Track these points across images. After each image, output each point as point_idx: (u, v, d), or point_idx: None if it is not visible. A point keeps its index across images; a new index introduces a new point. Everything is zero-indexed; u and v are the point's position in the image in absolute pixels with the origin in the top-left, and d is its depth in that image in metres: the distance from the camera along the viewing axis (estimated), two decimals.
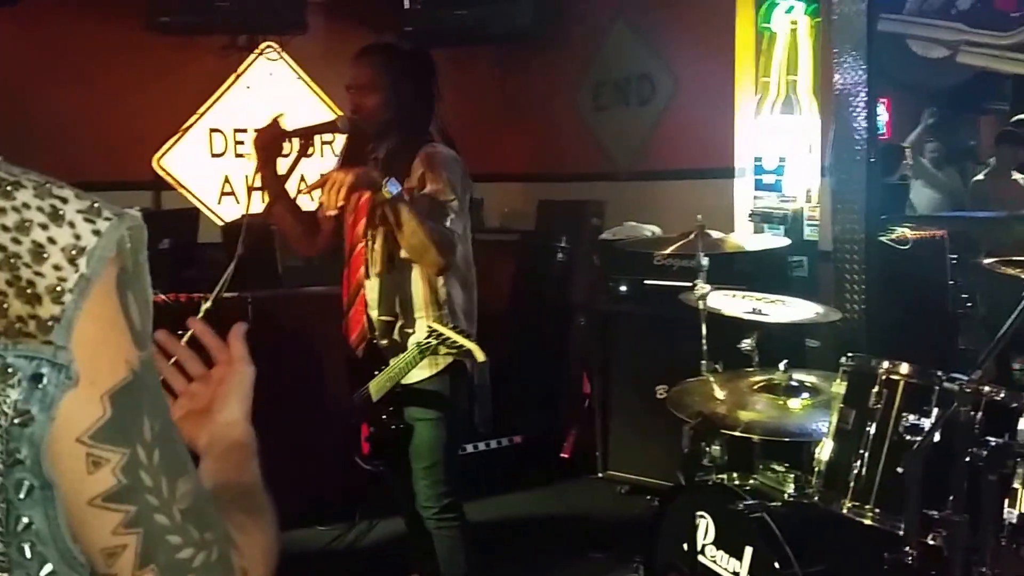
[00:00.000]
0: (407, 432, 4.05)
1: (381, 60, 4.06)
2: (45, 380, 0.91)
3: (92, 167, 6.61)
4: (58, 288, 0.92)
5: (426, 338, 3.74)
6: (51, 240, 0.93)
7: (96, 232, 0.95)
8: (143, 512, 0.99)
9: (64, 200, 0.97)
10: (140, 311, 1.02)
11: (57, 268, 0.92)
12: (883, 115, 7.26)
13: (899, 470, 3.17)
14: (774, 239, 6.01)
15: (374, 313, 4.05)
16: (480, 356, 3.70)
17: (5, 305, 0.90)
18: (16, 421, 0.91)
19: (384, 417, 4.05)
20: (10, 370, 0.90)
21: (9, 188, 0.95)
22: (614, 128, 7.70)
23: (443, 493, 4.09)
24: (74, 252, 0.93)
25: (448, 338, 3.69)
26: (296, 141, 4.10)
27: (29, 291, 0.91)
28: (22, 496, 0.93)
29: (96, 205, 0.99)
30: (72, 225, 0.95)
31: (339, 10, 7.60)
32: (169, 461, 1.02)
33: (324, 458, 5.40)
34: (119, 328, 0.98)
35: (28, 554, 0.95)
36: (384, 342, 4.01)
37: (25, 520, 0.94)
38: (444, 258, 3.82)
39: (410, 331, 3.97)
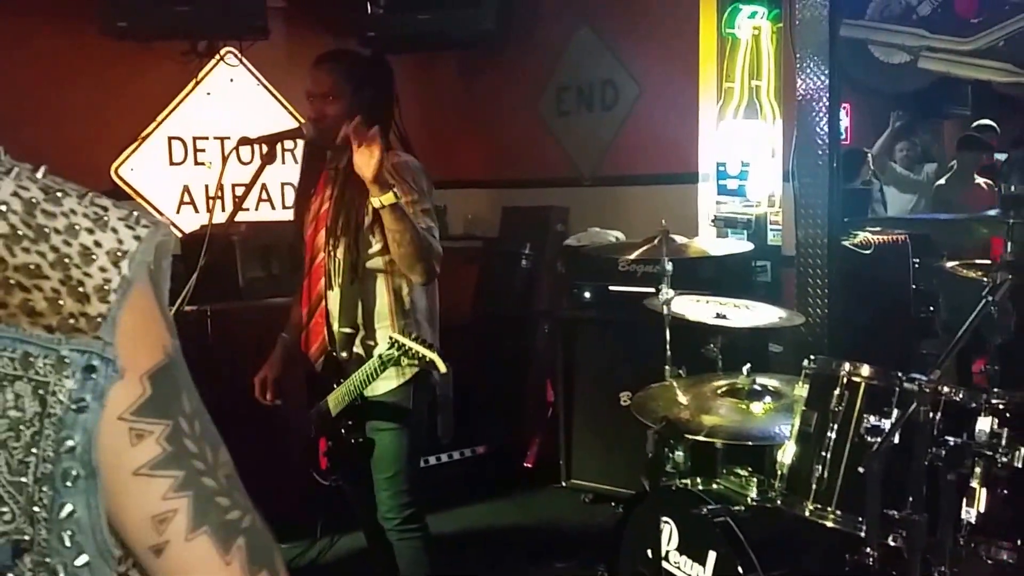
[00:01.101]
0: (367, 445, 4.06)
1: (342, 68, 4.08)
2: (97, 372, 0.97)
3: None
4: (104, 288, 0.98)
5: (388, 349, 3.75)
6: (97, 244, 1.00)
7: (137, 238, 1.02)
8: (191, 476, 1.05)
9: (105, 208, 1.03)
10: (166, 305, 1.09)
11: (103, 270, 0.99)
12: (844, 120, 7.33)
13: (860, 471, 3.22)
14: (738, 244, 6.04)
15: (335, 325, 4.05)
16: (442, 367, 3.71)
17: (60, 302, 0.96)
18: (73, 408, 0.96)
19: (343, 431, 4.06)
20: (66, 360, 0.96)
21: (58, 195, 1.01)
22: (578, 134, 7.73)
23: (405, 504, 4.10)
24: (118, 255, 1.00)
25: (410, 349, 3.69)
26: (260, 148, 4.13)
27: (80, 290, 0.97)
28: (68, 484, 0.97)
29: (135, 213, 1.05)
30: (115, 231, 1.01)
31: (301, 15, 7.56)
32: (208, 432, 1.10)
33: (284, 474, 5.41)
34: (155, 318, 1.06)
35: (68, 543, 0.98)
36: (344, 355, 4.01)
37: (69, 508, 0.98)
38: (434, 266, 3.89)
39: (372, 343, 3.98)
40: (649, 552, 4.11)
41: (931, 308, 5.71)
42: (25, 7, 6.52)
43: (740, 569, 3.68)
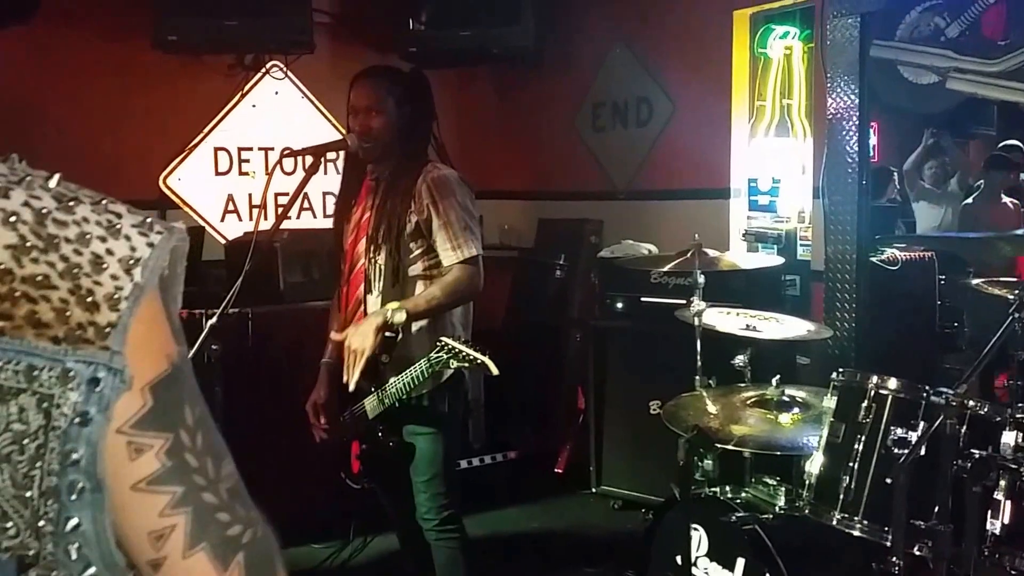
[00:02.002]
0: (404, 449, 4.06)
1: (384, 83, 4.11)
2: (102, 384, 0.94)
3: (99, 185, 6.60)
4: (115, 296, 0.96)
5: (437, 353, 3.75)
6: (109, 252, 0.97)
7: (150, 244, 1.00)
8: (190, 492, 1.02)
9: (119, 215, 1.01)
10: (175, 310, 1.07)
11: (114, 277, 0.96)
12: (872, 139, 7.32)
13: (887, 481, 3.22)
14: (768, 258, 6.05)
15: None
16: (494, 370, 3.70)
17: (68, 312, 0.93)
18: (76, 421, 0.93)
19: (380, 435, 4.07)
20: (71, 374, 0.93)
21: (71, 203, 0.98)
22: (612, 148, 7.73)
23: (443, 506, 4.11)
24: (131, 263, 0.98)
25: (460, 352, 3.69)
26: (306, 159, 4.16)
27: (89, 299, 0.94)
28: (73, 497, 0.95)
29: (148, 220, 1.03)
30: (128, 238, 0.99)
31: (345, 30, 7.61)
32: (211, 444, 1.06)
33: (319, 475, 5.43)
34: (161, 325, 1.02)
35: (74, 555, 0.96)
36: (384, 358, 3.99)
37: (75, 521, 0.95)
38: (470, 298, 4.05)
39: (409, 349, 3.98)
40: (679, 558, 4.11)
41: (956, 324, 5.70)
42: (79, 20, 6.60)
43: None
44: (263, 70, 7.38)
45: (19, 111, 6.46)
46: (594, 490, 6.62)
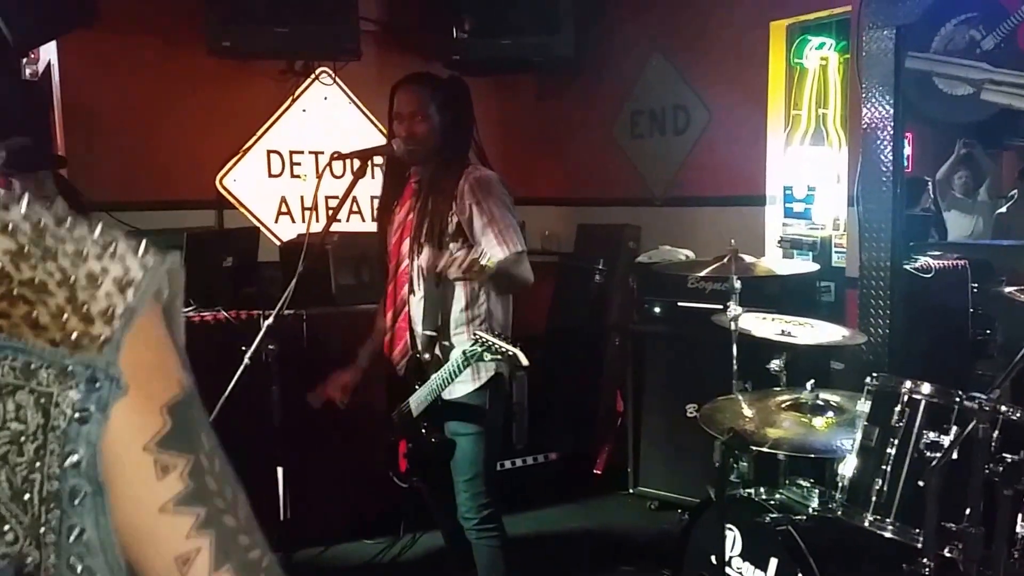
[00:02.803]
0: (446, 446, 4.11)
1: (426, 89, 4.17)
2: (99, 384, 0.92)
3: (159, 186, 6.81)
4: (109, 312, 0.94)
5: (472, 346, 3.79)
6: (104, 270, 0.96)
7: (144, 267, 0.98)
8: (213, 513, 0.99)
9: (115, 239, 0.99)
10: (181, 343, 1.05)
11: (108, 296, 0.95)
12: (906, 149, 7.30)
13: (919, 484, 3.23)
14: (803, 264, 6.04)
15: (418, 328, 4.13)
16: (524, 360, 3.73)
17: (64, 318, 0.92)
18: (76, 417, 0.91)
19: (423, 432, 4.12)
20: (70, 370, 0.91)
21: (68, 224, 0.97)
22: (650, 156, 7.74)
23: (483, 504, 4.14)
24: (124, 283, 0.96)
25: (493, 344, 3.72)
26: (353, 163, 4.22)
27: (84, 311, 0.93)
28: (76, 503, 0.92)
29: (143, 244, 1.01)
30: (123, 259, 0.97)
31: (391, 38, 7.69)
32: (226, 470, 1.04)
33: (371, 473, 5.47)
34: (168, 351, 1.01)
35: (78, 567, 0.93)
36: (427, 356, 4.07)
37: (78, 529, 0.93)
38: (523, 285, 4.07)
39: (448, 344, 4.05)
40: (713, 558, 4.12)
41: (988, 331, 5.66)
42: (138, 27, 6.71)
43: None
44: (312, 76, 7.46)
45: (80, 115, 6.64)
46: (631, 491, 6.66)
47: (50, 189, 4.96)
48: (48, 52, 6.78)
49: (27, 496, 0.90)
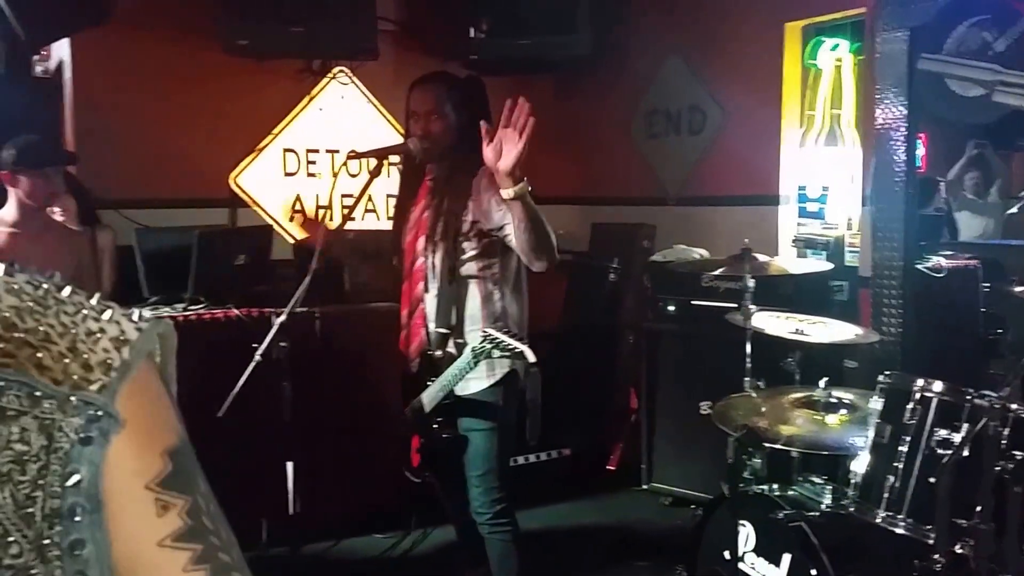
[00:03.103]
0: (459, 442, 4.12)
1: (443, 88, 4.19)
2: (100, 415, 0.95)
3: (173, 185, 6.80)
4: (107, 362, 0.98)
5: (480, 343, 3.81)
6: (102, 330, 1.00)
7: (138, 329, 1.02)
8: (209, 549, 1.02)
9: (109, 306, 1.03)
10: (174, 397, 1.08)
11: (106, 351, 0.99)
12: (919, 150, 7.32)
13: (931, 481, 3.26)
14: (817, 263, 6.05)
15: (431, 325, 4.13)
16: (531, 357, 3.76)
17: (66, 362, 0.96)
18: (79, 439, 0.94)
19: (435, 427, 4.12)
20: (73, 400, 0.94)
21: (67, 289, 1.02)
22: (665, 155, 7.76)
23: (495, 499, 4.15)
24: (120, 341, 1.00)
25: (501, 341, 3.74)
26: (369, 162, 4.24)
27: (84, 359, 0.97)
28: (77, 519, 0.95)
29: (136, 311, 1.05)
30: (118, 323, 1.01)
31: (408, 38, 7.69)
32: (220, 513, 1.07)
33: (381, 469, 5.48)
34: (165, 404, 1.04)
35: None
36: (439, 354, 4.08)
37: (80, 545, 0.95)
38: (554, 254, 3.95)
39: (462, 342, 4.05)
40: (726, 553, 4.15)
41: (999, 330, 5.68)
42: (153, 26, 6.69)
43: (813, 572, 3.72)
44: (330, 75, 7.48)
45: (94, 114, 6.62)
46: (645, 487, 6.68)
47: (59, 186, 4.99)
48: (60, 49, 6.78)
49: (30, 511, 0.93)
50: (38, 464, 0.93)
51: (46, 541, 0.93)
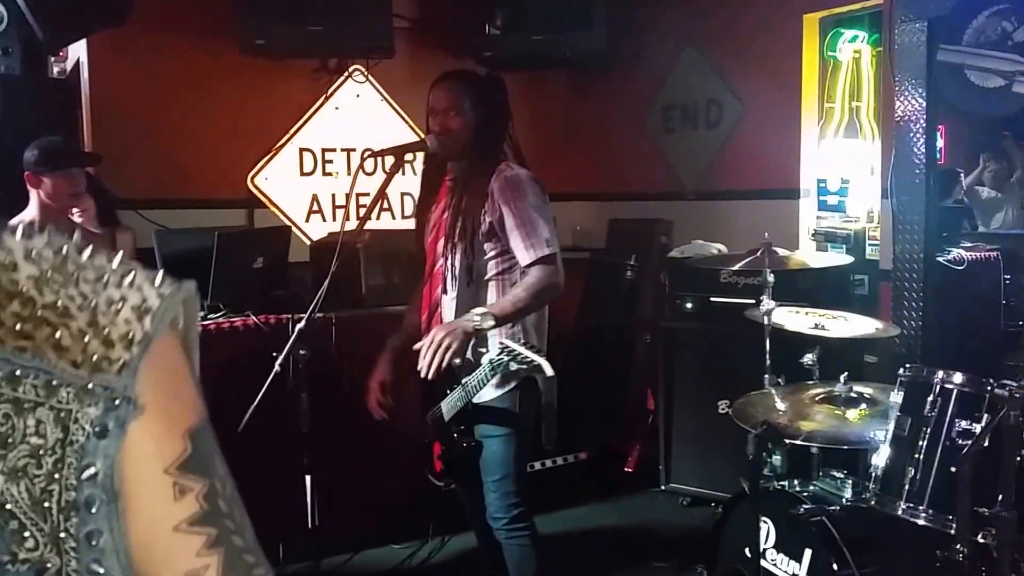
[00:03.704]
0: (478, 449, 4.13)
1: (461, 85, 4.19)
2: (118, 403, 0.95)
3: (190, 185, 6.85)
4: (128, 337, 0.97)
5: (498, 355, 3.83)
6: (123, 298, 0.98)
7: (160, 296, 1.00)
8: (223, 534, 1.03)
9: (132, 269, 1.01)
10: (196, 370, 1.08)
11: (127, 322, 0.97)
12: (939, 141, 7.34)
13: (951, 471, 3.30)
14: (837, 257, 6.06)
15: None
16: (549, 371, 3.76)
17: (86, 339, 0.95)
18: (95, 431, 0.94)
19: (455, 435, 4.13)
20: (89, 390, 0.94)
21: (89, 252, 1.00)
22: (683, 150, 7.79)
23: (512, 504, 4.15)
24: (142, 311, 0.98)
25: (519, 353, 3.76)
26: (386, 160, 4.28)
27: (105, 333, 0.96)
28: (93, 511, 0.95)
29: (160, 275, 1.03)
30: (140, 289, 1.00)
31: (423, 35, 7.71)
32: (236, 495, 1.07)
33: (398, 476, 5.46)
34: (186, 378, 1.04)
35: (100, 571, 0.97)
36: (457, 361, 4.02)
37: (96, 535, 0.96)
38: (554, 296, 4.05)
39: (483, 349, 4.05)
40: (747, 550, 4.17)
41: (1020, 323, 5.71)
42: (170, 26, 6.74)
43: (834, 566, 3.74)
44: (346, 74, 7.53)
45: (111, 114, 6.65)
46: (663, 488, 6.67)
47: (82, 187, 5.03)
48: (77, 50, 6.81)
49: (46, 506, 0.94)
50: (54, 457, 0.94)
51: (62, 534, 0.94)
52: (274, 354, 4.12)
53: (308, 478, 4.49)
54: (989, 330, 5.65)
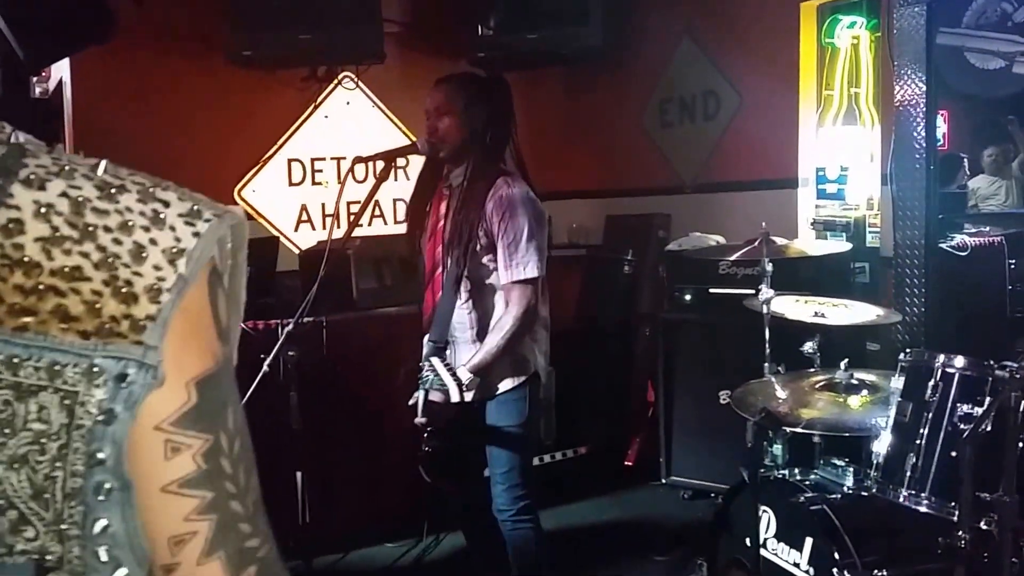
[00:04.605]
0: (477, 445, 4.22)
1: (454, 86, 4.20)
2: (130, 379, 0.91)
3: None
4: (156, 287, 0.92)
5: (424, 373, 4.01)
6: (152, 241, 0.93)
7: (196, 234, 0.96)
8: (219, 499, 0.97)
9: (167, 204, 0.97)
10: (227, 307, 1.02)
11: (157, 268, 0.92)
12: (941, 127, 7.31)
13: (952, 455, 3.27)
14: (836, 244, 6.06)
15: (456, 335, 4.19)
16: (455, 396, 3.93)
17: (99, 305, 0.90)
18: (100, 419, 0.90)
19: (424, 436, 4.14)
20: (96, 370, 0.90)
21: (114, 191, 0.95)
22: (680, 144, 7.77)
23: (519, 496, 4.21)
24: (174, 253, 0.93)
25: (437, 376, 3.95)
26: (377, 166, 4.27)
27: (125, 290, 0.91)
28: (101, 498, 0.91)
29: (197, 208, 0.99)
30: (173, 228, 0.95)
31: (414, 38, 7.67)
32: (246, 451, 1.02)
33: (392, 477, 5.52)
34: (207, 322, 0.98)
35: (104, 557, 0.93)
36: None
37: (103, 523, 0.92)
38: (530, 322, 4.08)
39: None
40: (748, 540, 4.16)
41: None
42: (155, 37, 6.71)
43: (836, 554, 3.73)
44: (335, 81, 7.50)
45: (96, 126, 6.56)
46: (664, 481, 6.69)
47: None
48: (60, 69, 6.76)
49: (48, 495, 0.90)
50: (58, 443, 0.90)
51: (65, 524, 0.91)
52: (262, 355, 4.11)
53: (299, 475, 4.49)
54: (995, 317, 5.61)
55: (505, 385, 4.14)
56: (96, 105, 6.68)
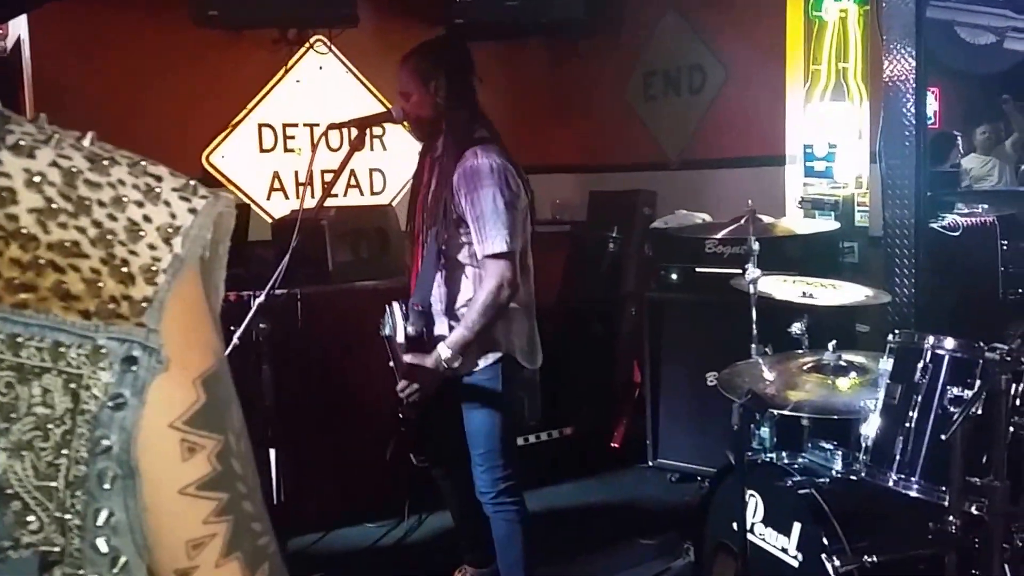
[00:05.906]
0: (459, 424, 4.22)
1: (411, 65, 4.21)
2: (137, 364, 0.89)
3: None
4: (152, 268, 0.90)
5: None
6: (146, 218, 0.91)
7: (192, 211, 0.94)
8: (234, 500, 0.97)
9: (159, 178, 0.95)
10: (216, 301, 1.02)
11: (152, 247, 0.90)
12: (933, 104, 7.32)
13: (942, 438, 3.30)
14: (824, 223, 6.09)
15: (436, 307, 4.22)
16: (400, 337, 4.07)
17: (99, 284, 0.87)
18: (109, 404, 0.88)
19: (432, 410, 4.21)
20: (103, 351, 0.87)
21: (105, 163, 0.93)
22: (665, 118, 7.79)
23: (500, 478, 4.23)
24: (170, 231, 0.92)
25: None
26: (351, 131, 4.28)
27: (123, 270, 0.89)
28: (105, 487, 0.89)
29: (191, 183, 0.97)
30: (168, 204, 0.93)
31: (389, 3, 7.64)
32: (250, 449, 1.02)
33: (370, 455, 5.50)
34: (204, 314, 0.97)
35: (104, 548, 0.91)
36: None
37: (105, 513, 0.90)
38: (509, 295, 4.04)
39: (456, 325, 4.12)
40: (735, 525, 4.18)
41: (1020, 290, 5.70)
42: None
43: (824, 540, 3.73)
44: (307, 45, 7.45)
45: (58, 89, 6.55)
46: (651, 463, 6.72)
47: None
48: (18, 27, 6.69)
49: (53, 483, 0.88)
50: (62, 429, 0.88)
51: (67, 516, 0.89)
52: (232, 328, 4.12)
53: (272, 452, 4.49)
54: (987, 297, 5.64)
55: (475, 364, 4.15)
56: (55, 64, 6.63)
